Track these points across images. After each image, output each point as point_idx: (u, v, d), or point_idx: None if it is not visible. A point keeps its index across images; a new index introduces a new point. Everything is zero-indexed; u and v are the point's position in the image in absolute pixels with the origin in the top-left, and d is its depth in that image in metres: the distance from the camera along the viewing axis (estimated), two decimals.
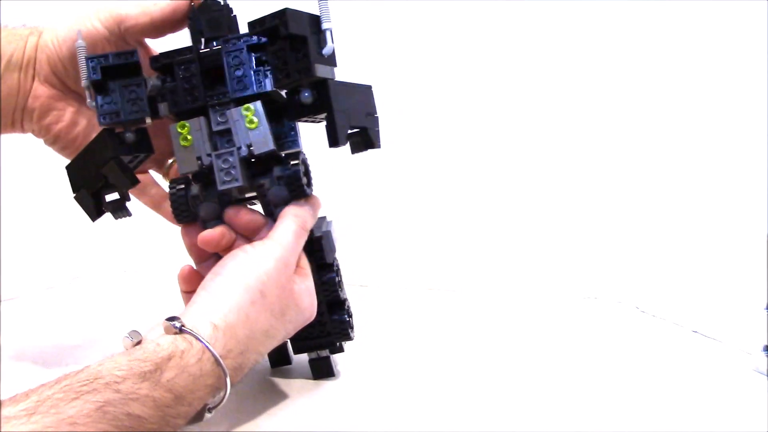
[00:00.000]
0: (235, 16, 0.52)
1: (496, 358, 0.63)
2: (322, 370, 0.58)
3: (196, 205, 0.53)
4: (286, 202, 0.52)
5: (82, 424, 0.34)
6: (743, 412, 0.52)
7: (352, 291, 0.59)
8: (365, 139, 0.52)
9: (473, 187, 0.91)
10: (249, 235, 0.52)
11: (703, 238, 0.78)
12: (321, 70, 0.49)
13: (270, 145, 0.51)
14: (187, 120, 0.51)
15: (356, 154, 0.53)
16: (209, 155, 0.50)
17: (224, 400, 0.43)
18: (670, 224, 0.82)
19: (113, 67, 0.50)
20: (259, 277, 0.47)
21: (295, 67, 0.49)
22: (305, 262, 0.52)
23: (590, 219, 0.87)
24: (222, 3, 0.52)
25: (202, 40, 0.52)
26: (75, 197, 0.53)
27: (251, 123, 0.50)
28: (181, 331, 0.42)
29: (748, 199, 0.75)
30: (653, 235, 0.83)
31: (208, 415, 0.43)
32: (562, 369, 0.61)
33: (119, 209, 0.53)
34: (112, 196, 0.53)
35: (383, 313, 0.77)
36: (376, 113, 0.53)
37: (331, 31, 0.49)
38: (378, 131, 0.53)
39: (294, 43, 0.48)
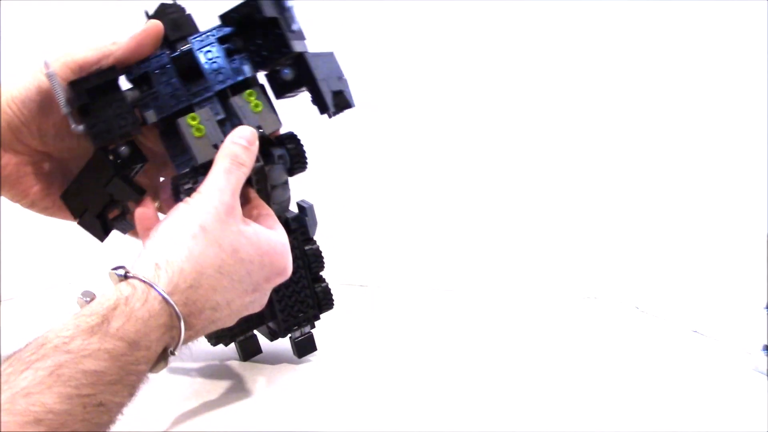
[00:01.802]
0: (190, 14, 0.53)
1: (495, 358, 0.63)
2: (307, 347, 0.59)
3: None
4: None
5: (37, 392, 0.34)
6: (743, 412, 0.52)
7: (351, 291, 0.59)
8: (342, 100, 0.54)
9: (473, 187, 0.91)
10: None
11: (702, 238, 0.79)
12: (297, 45, 0.52)
13: (279, 124, 0.53)
14: (196, 111, 0.51)
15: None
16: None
17: (182, 338, 0.42)
18: (670, 224, 0.82)
19: (95, 87, 0.50)
20: (197, 215, 0.46)
21: (273, 48, 0.51)
22: (275, 223, 0.51)
23: (590, 219, 0.87)
24: (176, 4, 0.53)
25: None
26: (79, 222, 0.53)
27: (257, 107, 0.52)
28: (126, 277, 0.42)
29: (748, 199, 0.75)
30: (653, 235, 0.83)
31: (172, 357, 0.43)
32: (562, 369, 0.61)
33: (123, 223, 0.54)
34: (112, 214, 0.54)
35: (383, 313, 0.77)
36: (344, 76, 0.56)
37: (293, 8, 0.52)
38: (350, 92, 0.55)
39: (267, 25, 0.51)
